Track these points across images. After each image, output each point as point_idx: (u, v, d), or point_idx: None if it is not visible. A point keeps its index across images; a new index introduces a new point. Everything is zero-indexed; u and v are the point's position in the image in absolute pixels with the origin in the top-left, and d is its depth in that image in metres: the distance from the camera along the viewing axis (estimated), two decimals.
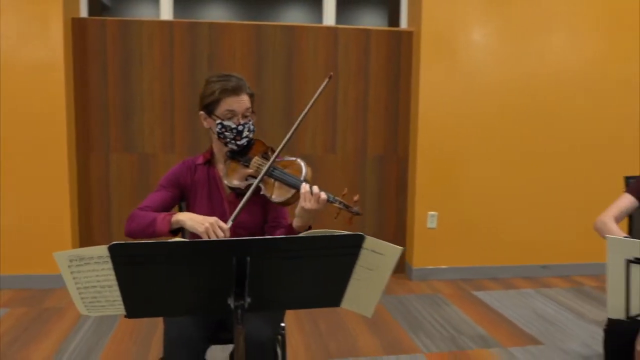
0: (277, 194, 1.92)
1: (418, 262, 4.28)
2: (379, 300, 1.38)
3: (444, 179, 4.24)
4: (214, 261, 1.22)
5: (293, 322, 3.42)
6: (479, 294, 4.01)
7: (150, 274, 1.25)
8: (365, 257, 1.28)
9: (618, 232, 2.25)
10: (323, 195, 1.82)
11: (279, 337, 2.18)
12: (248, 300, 1.29)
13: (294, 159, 2.02)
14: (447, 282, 4.26)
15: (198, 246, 1.22)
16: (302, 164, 1.98)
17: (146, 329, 3.23)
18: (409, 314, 3.60)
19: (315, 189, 1.83)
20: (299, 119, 1.96)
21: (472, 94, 4.21)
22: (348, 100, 4.25)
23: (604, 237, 2.31)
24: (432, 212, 4.24)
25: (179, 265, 1.23)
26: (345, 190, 1.87)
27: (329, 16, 4.37)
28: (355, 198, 1.83)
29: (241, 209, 1.88)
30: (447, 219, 4.27)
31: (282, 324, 2.18)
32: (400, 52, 4.28)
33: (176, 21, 4.08)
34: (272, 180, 1.94)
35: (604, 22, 4.30)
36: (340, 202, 1.83)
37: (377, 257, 1.27)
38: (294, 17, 9.92)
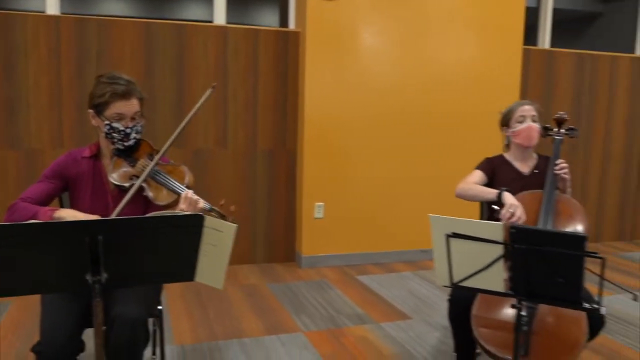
0: (160, 197, 2.07)
1: (307, 250, 4.54)
2: (226, 272, 1.58)
3: (330, 171, 4.52)
4: (68, 241, 1.37)
5: (182, 307, 3.55)
6: (362, 278, 4.32)
7: (9, 254, 1.37)
8: (208, 235, 1.47)
9: (483, 188, 2.60)
10: (200, 204, 1.98)
11: (157, 318, 2.34)
12: (105, 275, 1.45)
13: (178, 164, 2.17)
14: (333, 269, 4.55)
15: (51, 227, 1.36)
16: (186, 170, 2.15)
17: (31, 325, 3.25)
18: (294, 299, 3.83)
19: (195, 197, 2.00)
20: (180, 126, 2.11)
21: (357, 92, 4.51)
22: (238, 96, 4.42)
23: (470, 198, 2.65)
24: (319, 203, 4.51)
25: (36, 245, 1.36)
26: (223, 201, 2.04)
27: (220, 15, 4.51)
28: (232, 208, 2.01)
29: (123, 207, 2.00)
30: (334, 209, 4.56)
31: (160, 307, 2.33)
32: (288, 51, 4.51)
33: (63, 16, 4.07)
34: (156, 183, 2.08)
35: (482, 24, 4.75)
36: (217, 212, 2.01)
37: (217, 234, 1.46)
38: (193, 13, 9.94)
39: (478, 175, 2.70)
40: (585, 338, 2.18)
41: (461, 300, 2.43)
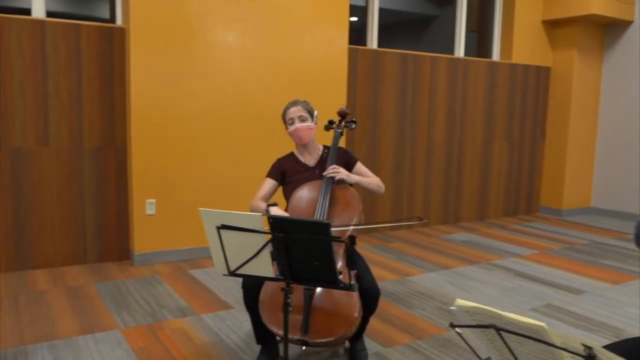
0: None
1: (140, 247, 4.51)
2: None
3: (161, 168, 4.52)
4: None
5: None
6: (194, 272, 4.39)
7: None
8: None
9: (262, 206, 2.77)
10: None
11: None
12: None
13: None
14: (168, 264, 4.57)
15: None
16: None
17: None
18: (120, 297, 3.82)
19: None
20: None
21: (187, 88, 4.55)
22: (60, 92, 4.28)
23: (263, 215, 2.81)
24: (151, 200, 4.50)
25: None
26: None
27: (38, 8, 4.33)
28: None
29: None
30: (166, 205, 4.57)
31: None
32: (113, 47, 4.44)
33: None
34: None
35: (309, 24, 4.98)
36: None
37: None
38: (22, 3, 9.30)
39: (268, 184, 2.93)
40: (357, 312, 2.43)
41: (252, 287, 2.60)
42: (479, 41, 7.22)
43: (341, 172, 2.73)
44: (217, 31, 4.62)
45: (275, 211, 2.65)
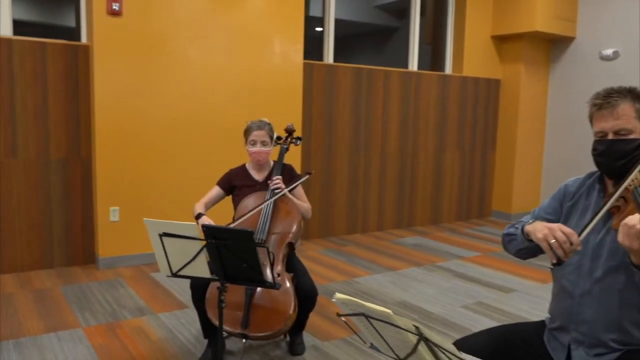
0: None
1: (104, 252, 4.79)
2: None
3: (124, 177, 4.81)
4: None
5: None
6: (155, 275, 4.69)
7: None
8: None
9: (197, 211, 3.10)
10: None
11: None
12: None
13: None
14: (131, 268, 4.86)
15: None
16: None
17: None
18: (83, 298, 4.10)
19: None
20: None
21: (150, 101, 4.84)
22: (27, 106, 4.54)
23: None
24: (114, 207, 4.79)
25: None
26: None
27: (6, 27, 4.59)
28: None
29: None
30: (129, 212, 4.86)
31: None
32: (78, 63, 4.72)
33: None
34: None
35: (265, 42, 5.31)
36: None
37: None
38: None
39: (215, 190, 3.29)
40: (292, 310, 2.77)
41: (199, 286, 2.92)
42: (433, 54, 7.63)
43: (283, 188, 3.08)
44: (179, 48, 4.93)
45: (202, 220, 3.00)
